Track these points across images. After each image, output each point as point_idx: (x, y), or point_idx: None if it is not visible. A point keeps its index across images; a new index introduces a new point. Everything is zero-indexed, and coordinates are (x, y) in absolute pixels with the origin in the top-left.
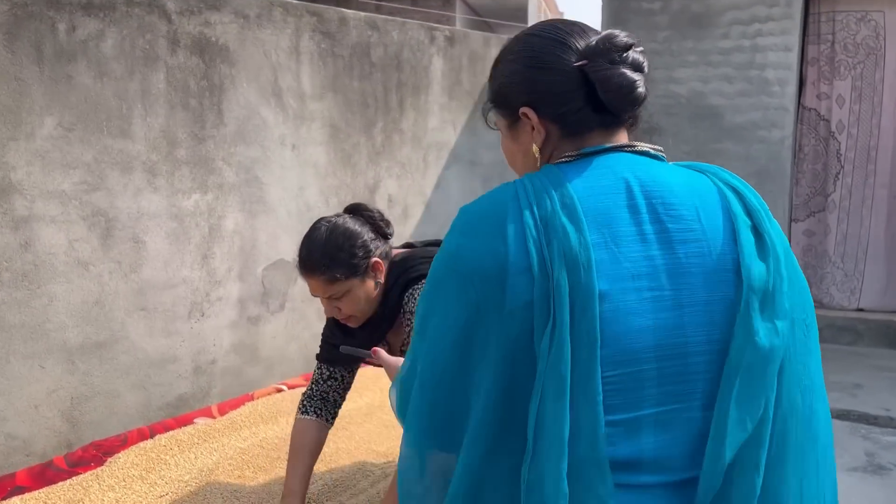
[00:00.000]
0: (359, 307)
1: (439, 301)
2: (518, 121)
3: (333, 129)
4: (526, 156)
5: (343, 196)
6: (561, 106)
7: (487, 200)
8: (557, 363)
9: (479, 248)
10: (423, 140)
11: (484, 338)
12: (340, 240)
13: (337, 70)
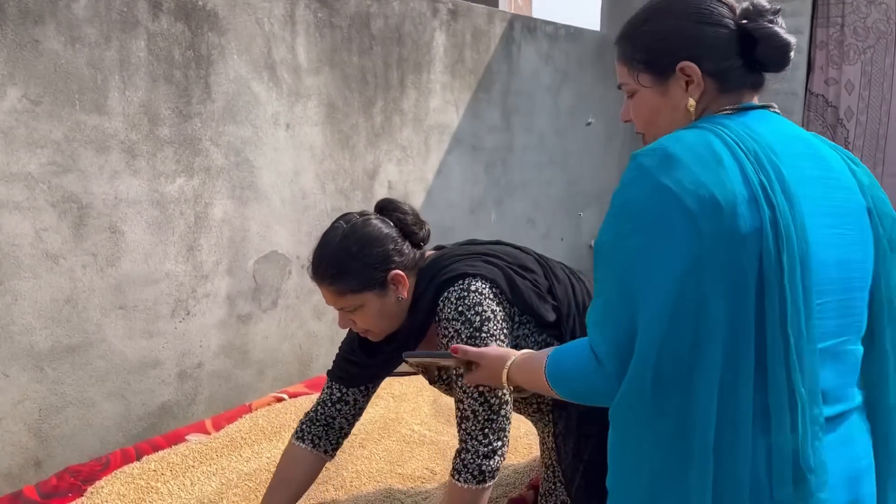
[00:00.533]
0: (375, 323)
1: (659, 236)
2: (670, 77)
3: (331, 107)
4: (675, 111)
5: (341, 182)
6: (723, 61)
7: (686, 141)
8: (792, 286)
9: (705, 181)
10: (425, 122)
11: (714, 268)
12: (355, 247)
13: (335, 42)
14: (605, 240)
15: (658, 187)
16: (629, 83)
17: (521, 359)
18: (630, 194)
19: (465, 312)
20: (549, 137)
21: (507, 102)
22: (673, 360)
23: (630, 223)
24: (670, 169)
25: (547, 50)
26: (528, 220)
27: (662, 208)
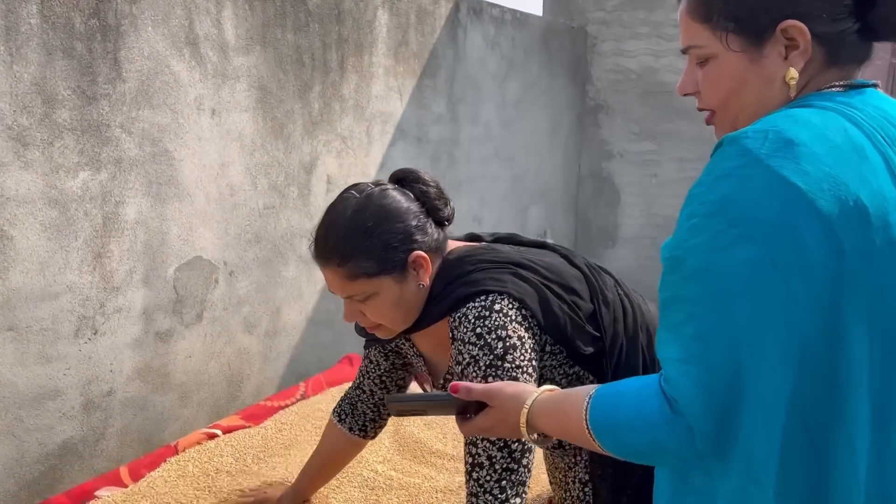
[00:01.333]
0: (390, 315)
1: (782, 249)
2: (768, 39)
3: (262, 91)
4: (769, 84)
5: (274, 176)
6: (837, 23)
7: (811, 123)
8: None
9: (846, 179)
10: (367, 109)
11: (858, 294)
12: (371, 222)
13: (267, 17)
14: (692, 246)
15: (779, 183)
16: (707, 45)
17: (546, 399)
18: (734, 188)
19: (484, 336)
20: (495, 129)
21: (453, 91)
22: (803, 421)
23: (736, 228)
24: (795, 159)
25: (493, 35)
26: (475, 218)
27: (786, 211)
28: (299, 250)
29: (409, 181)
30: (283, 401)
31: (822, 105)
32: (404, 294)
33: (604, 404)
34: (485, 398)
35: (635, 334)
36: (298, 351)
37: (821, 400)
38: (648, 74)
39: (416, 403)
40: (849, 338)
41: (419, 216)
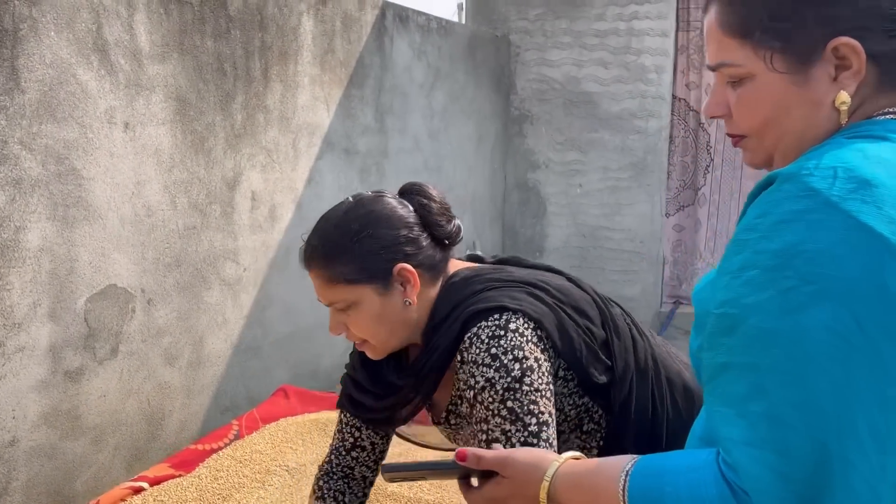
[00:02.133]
0: (372, 330)
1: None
2: (817, 59)
3: (181, 102)
4: (816, 109)
5: (195, 194)
6: (893, 41)
7: (888, 161)
8: None
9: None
10: (293, 121)
11: None
12: (356, 224)
13: (184, 22)
14: (754, 304)
15: (860, 231)
16: (744, 64)
17: (570, 470)
18: (802, 237)
19: (500, 357)
20: (423, 140)
21: (381, 101)
22: None
23: (812, 285)
24: (876, 203)
25: (419, 43)
26: None
27: (873, 266)
28: (223, 273)
29: (411, 192)
30: (215, 443)
31: (884, 136)
32: (387, 309)
33: (647, 485)
34: (497, 468)
35: (645, 366)
36: (224, 382)
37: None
38: (572, 84)
39: (417, 472)
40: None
41: (412, 228)
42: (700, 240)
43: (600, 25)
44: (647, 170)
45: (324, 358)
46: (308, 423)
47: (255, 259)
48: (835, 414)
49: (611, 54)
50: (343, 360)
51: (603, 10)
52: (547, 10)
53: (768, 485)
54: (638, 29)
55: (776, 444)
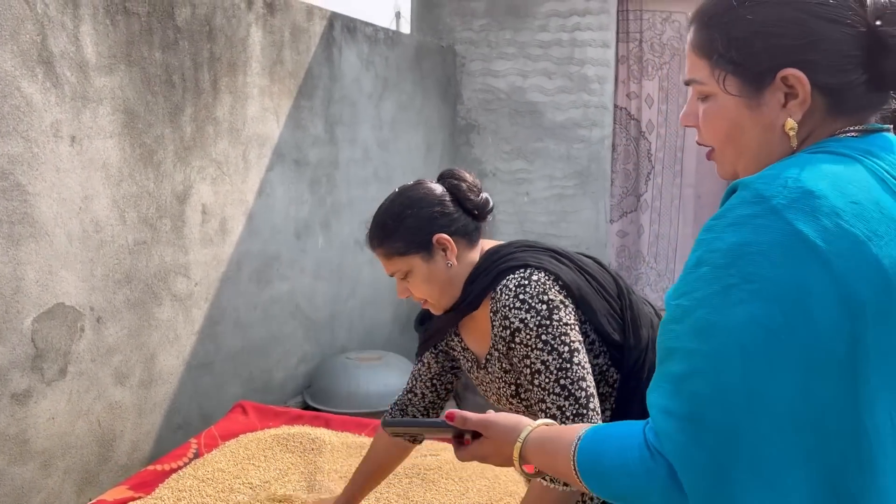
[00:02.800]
0: (426, 290)
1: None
2: (768, 86)
3: (129, 114)
4: (767, 132)
5: (145, 209)
6: (842, 74)
7: (832, 175)
8: None
9: (868, 241)
10: (243, 132)
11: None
12: (399, 208)
13: (132, 33)
14: (701, 298)
15: (795, 238)
16: (707, 83)
17: (539, 435)
18: (747, 239)
19: (528, 301)
20: (373, 150)
21: (331, 111)
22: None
23: (750, 284)
24: (813, 214)
25: (367, 54)
26: (357, 242)
27: (800, 271)
28: (174, 288)
29: (444, 177)
30: (175, 462)
31: (842, 152)
32: (433, 272)
33: (591, 449)
34: (480, 428)
35: None
36: (177, 400)
37: (849, 469)
38: (517, 94)
39: (413, 428)
40: (873, 404)
41: (444, 203)
42: (643, 245)
43: (543, 36)
44: (592, 177)
45: (276, 372)
46: (269, 439)
47: (207, 273)
48: (756, 397)
49: (554, 65)
50: (295, 374)
51: (546, 22)
52: (491, 21)
53: (683, 449)
54: (580, 40)
55: (696, 417)
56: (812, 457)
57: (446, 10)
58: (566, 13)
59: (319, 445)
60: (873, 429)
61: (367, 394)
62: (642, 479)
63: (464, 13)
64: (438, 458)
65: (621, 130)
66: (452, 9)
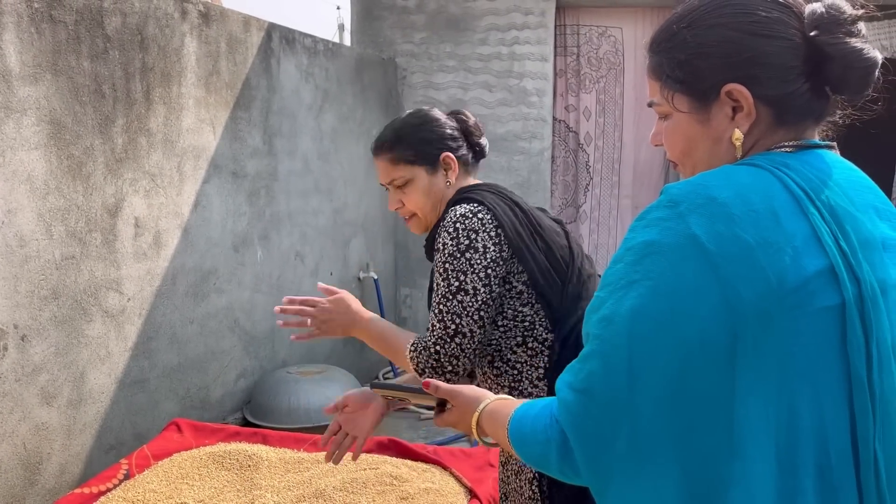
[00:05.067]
0: (422, 202)
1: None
2: (714, 101)
3: (55, 125)
4: (717, 144)
5: (73, 222)
6: (784, 85)
7: (739, 183)
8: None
9: (756, 244)
10: (177, 144)
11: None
12: (416, 121)
13: (58, 42)
14: (610, 290)
15: (691, 241)
16: (662, 104)
17: (493, 407)
18: (654, 239)
19: (458, 230)
20: (313, 162)
21: (269, 123)
22: (691, 474)
23: (650, 280)
24: (711, 219)
25: (307, 65)
26: (297, 254)
27: (692, 272)
28: (105, 304)
29: (455, 113)
30: (103, 484)
31: (759, 164)
32: (433, 186)
33: (518, 420)
34: (448, 398)
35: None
36: (108, 419)
37: (720, 454)
38: (458, 106)
39: (399, 393)
40: (748, 397)
41: (455, 132)
42: None
43: (483, 50)
44: (532, 189)
45: (215, 388)
46: (205, 457)
47: (141, 288)
48: (637, 379)
49: (494, 78)
50: (234, 389)
51: (485, 35)
52: (431, 34)
53: (575, 419)
54: (519, 53)
55: (588, 391)
56: (685, 438)
57: (387, 22)
58: (505, 27)
59: (256, 462)
60: (745, 418)
61: (309, 408)
62: (544, 446)
63: (404, 26)
64: (378, 470)
65: (560, 142)
66: (393, 21)
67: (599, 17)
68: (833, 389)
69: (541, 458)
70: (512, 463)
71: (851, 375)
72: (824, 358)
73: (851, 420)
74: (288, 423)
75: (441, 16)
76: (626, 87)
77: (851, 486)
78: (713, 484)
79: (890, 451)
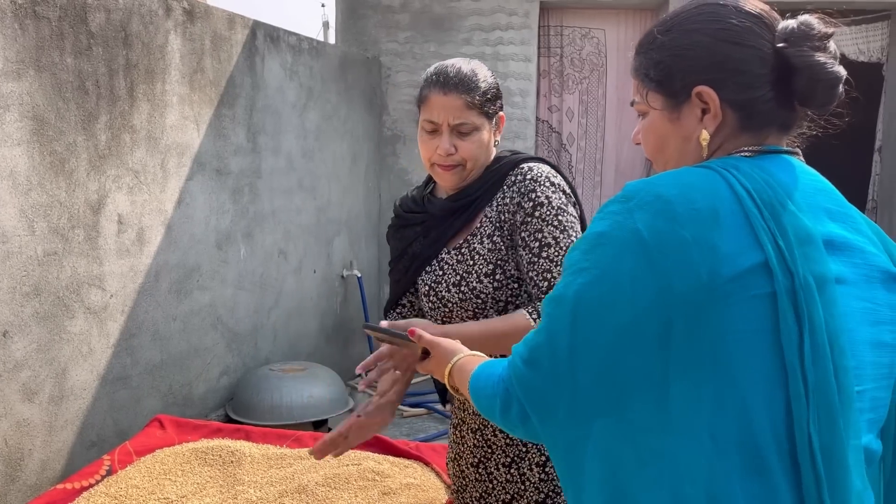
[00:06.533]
0: (476, 155)
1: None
2: (685, 102)
3: (38, 121)
4: (686, 143)
5: (56, 219)
6: (749, 91)
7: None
8: (819, 370)
9: (691, 243)
10: (161, 141)
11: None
12: (488, 75)
13: (41, 38)
14: (566, 274)
15: (634, 235)
16: (641, 102)
17: (463, 362)
18: (606, 231)
19: (557, 185)
20: (297, 160)
21: (253, 120)
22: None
23: (595, 268)
24: (655, 215)
25: (291, 63)
26: (280, 252)
27: (631, 263)
28: (87, 301)
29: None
30: (86, 480)
31: (711, 166)
32: (486, 142)
33: (477, 377)
34: (429, 346)
35: None
36: (90, 416)
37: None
38: None
39: (388, 337)
40: (681, 378)
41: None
42: None
43: (467, 49)
44: None
45: (197, 385)
46: (187, 453)
47: (123, 285)
48: (580, 354)
49: None
50: (217, 387)
51: (469, 35)
52: (415, 34)
53: (524, 386)
54: (503, 54)
55: (536, 362)
56: (615, 411)
57: (371, 21)
58: (489, 28)
59: (239, 458)
60: (679, 396)
61: (291, 406)
62: (491, 400)
63: (388, 25)
64: (360, 466)
65: (543, 142)
66: (377, 20)
67: (583, 19)
68: (769, 376)
69: (488, 411)
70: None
71: (785, 363)
72: (758, 346)
73: (787, 405)
74: (270, 420)
75: (425, 15)
76: (608, 88)
77: (786, 466)
78: (642, 455)
79: (826, 435)
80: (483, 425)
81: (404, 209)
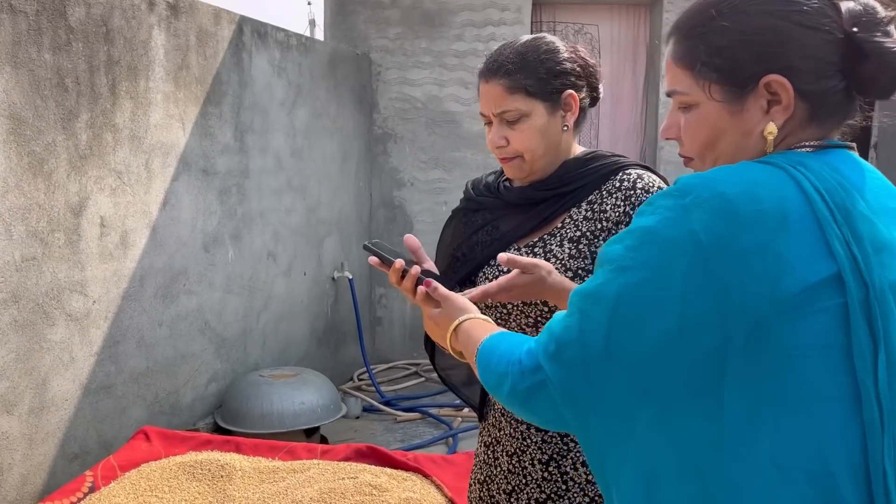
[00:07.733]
0: (534, 143)
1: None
2: (750, 92)
3: (15, 120)
4: (745, 138)
5: (35, 222)
6: (823, 81)
7: (752, 181)
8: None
9: (753, 250)
10: (145, 140)
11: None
12: (542, 48)
13: (18, 33)
14: (608, 255)
15: (690, 238)
16: (690, 93)
17: (469, 325)
18: (658, 227)
19: None
20: (286, 159)
21: (241, 118)
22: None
23: (637, 258)
24: (714, 216)
25: (279, 60)
26: (269, 254)
27: (682, 265)
28: (68, 307)
29: (572, 49)
30: (66, 498)
31: (776, 162)
32: (549, 127)
33: (490, 347)
34: (440, 299)
35: None
36: (73, 427)
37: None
38: (433, 103)
39: (386, 257)
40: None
41: (578, 69)
42: None
43: (459, 46)
44: None
45: (185, 392)
46: (174, 467)
47: (106, 290)
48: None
49: (470, 74)
50: (205, 394)
51: (461, 31)
52: (406, 30)
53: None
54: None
55: (562, 355)
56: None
57: (361, 17)
58: (481, 23)
59: (229, 472)
60: (734, 416)
61: (282, 413)
62: (501, 377)
63: (378, 21)
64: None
65: None
66: (367, 17)
67: (576, 14)
68: (841, 399)
69: (494, 388)
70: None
71: (859, 387)
72: (827, 365)
73: (863, 433)
74: (260, 428)
75: (416, 11)
76: (602, 85)
77: (860, 500)
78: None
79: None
80: (521, 450)
81: (476, 193)
